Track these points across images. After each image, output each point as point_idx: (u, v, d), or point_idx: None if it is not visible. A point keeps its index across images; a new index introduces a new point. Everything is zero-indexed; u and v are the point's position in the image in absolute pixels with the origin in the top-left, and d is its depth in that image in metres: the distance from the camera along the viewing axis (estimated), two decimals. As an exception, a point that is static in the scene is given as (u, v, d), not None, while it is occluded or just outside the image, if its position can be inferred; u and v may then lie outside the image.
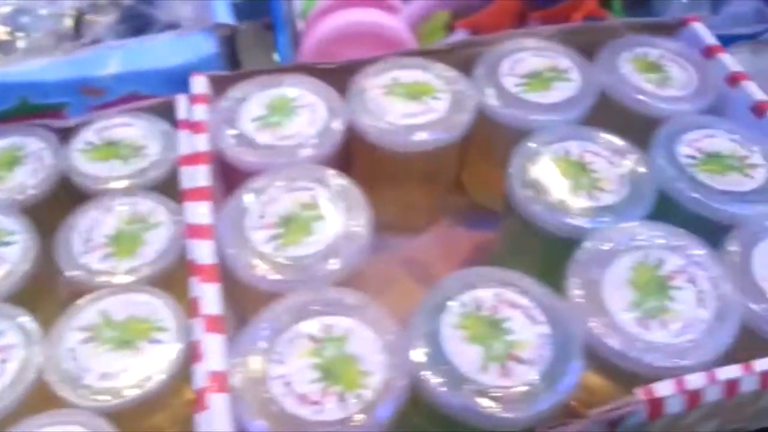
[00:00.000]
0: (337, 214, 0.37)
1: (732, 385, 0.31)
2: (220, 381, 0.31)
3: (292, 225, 0.37)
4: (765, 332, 0.33)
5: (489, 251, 0.48)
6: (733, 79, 0.44)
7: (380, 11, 0.47)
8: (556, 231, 0.37)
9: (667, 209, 0.39)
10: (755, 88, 0.43)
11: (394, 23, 0.47)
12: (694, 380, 0.30)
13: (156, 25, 0.57)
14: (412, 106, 0.43)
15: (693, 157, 0.40)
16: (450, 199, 0.51)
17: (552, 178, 0.39)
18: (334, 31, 0.47)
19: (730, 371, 0.31)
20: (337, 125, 0.42)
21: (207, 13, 0.47)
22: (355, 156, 0.46)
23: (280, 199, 0.38)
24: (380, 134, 0.42)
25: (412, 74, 0.45)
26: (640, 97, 0.43)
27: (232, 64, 0.49)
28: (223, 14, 0.46)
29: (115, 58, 0.46)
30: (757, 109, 0.43)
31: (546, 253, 0.39)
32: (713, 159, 0.40)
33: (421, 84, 0.44)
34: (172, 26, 0.55)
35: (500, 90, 0.44)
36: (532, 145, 0.40)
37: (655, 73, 0.45)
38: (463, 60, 0.46)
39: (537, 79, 0.44)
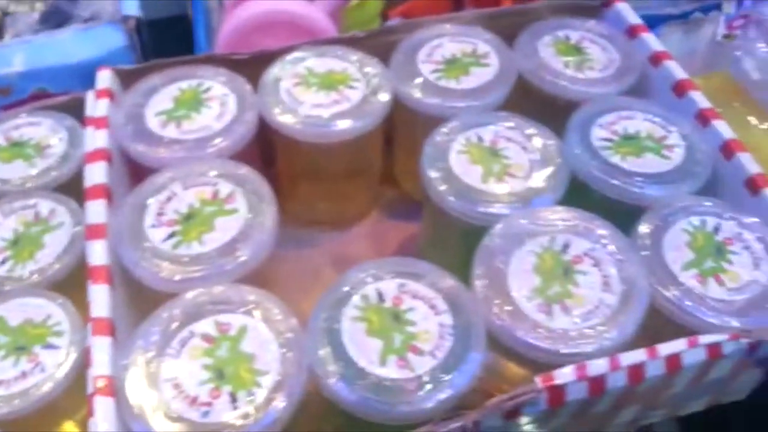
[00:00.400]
0: (241, 208, 0.36)
1: (636, 370, 0.30)
2: (107, 385, 0.30)
3: (192, 221, 0.35)
4: (675, 316, 0.32)
5: (417, 243, 0.47)
6: (656, 59, 0.44)
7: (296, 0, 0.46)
8: (469, 219, 0.36)
9: (581, 193, 0.38)
10: (677, 67, 0.43)
11: (312, 11, 0.46)
12: (596, 366, 0.29)
13: (76, 21, 0.55)
14: (326, 95, 0.42)
15: (608, 140, 0.39)
16: (381, 191, 0.50)
17: (464, 165, 0.38)
18: (250, 19, 0.45)
19: (633, 356, 0.30)
20: (249, 118, 0.41)
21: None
22: (276, 149, 0.45)
23: (180, 196, 0.37)
24: (293, 126, 0.41)
25: (327, 63, 0.44)
26: (558, 80, 0.42)
27: (148, 58, 0.48)
28: (131, 6, 0.45)
29: (20, 56, 0.44)
30: (678, 87, 0.42)
31: (463, 241, 0.38)
32: (629, 141, 0.39)
33: (336, 73, 0.43)
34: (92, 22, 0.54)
35: (417, 77, 0.43)
36: (444, 132, 0.39)
37: (575, 56, 0.44)
38: (382, 47, 0.45)
39: (454, 65, 0.43)
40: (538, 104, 0.43)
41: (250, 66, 0.43)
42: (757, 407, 0.39)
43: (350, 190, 0.48)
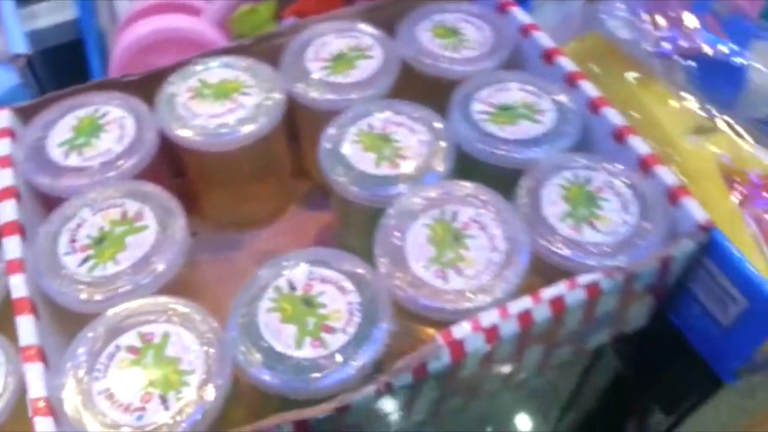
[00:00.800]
0: (150, 224, 0.38)
1: (525, 316, 0.33)
2: (45, 406, 0.31)
3: (104, 244, 0.37)
4: (558, 263, 0.36)
5: (332, 230, 0.50)
6: (525, 31, 0.47)
7: (182, 15, 0.47)
8: (370, 203, 0.39)
9: (469, 165, 0.41)
10: (544, 36, 0.46)
11: (198, 25, 0.48)
12: (488, 317, 0.33)
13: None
14: (221, 105, 0.44)
15: (486, 113, 0.42)
16: (295, 186, 0.52)
17: (358, 154, 0.41)
18: (138, 41, 0.47)
19: (520, 304, 0.33)
20: (149, 137, 0.42)
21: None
22: (185, 161, 0.47)
23: (90, 221, 0.38)
24: (193, 139, 0.42)
25: (219, 73, 0.46)
26: (438, 63, 0.45)
27: (46, 89, 0.49)
28: (18, 44, 0.45)
29: None
30: (547, 56, 0.46)
31: (368, 224, 0.40)
32: (505, 111, 0.43)
33: (229, 82, 0.45)
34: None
35: (306, 76, 0.45)
36: (337, 125, 0.42)
37: (452, 38, 0.47)
38: (271, 51, 0.47)
39: (341, 60, 0.46)
40: (425, 87, 0.46)
41: (144, 86, 0.45)
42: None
43: (264, 190, 0.50)
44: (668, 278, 0.38)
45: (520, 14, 0.48)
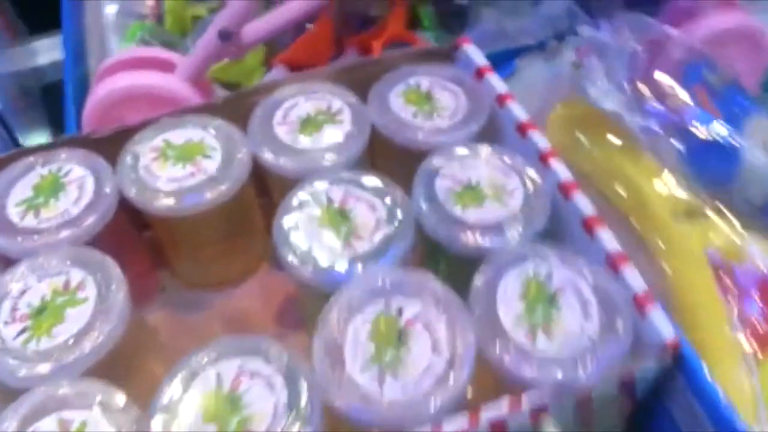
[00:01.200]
0: (90, 296, 0.37)
1: (461, 435, 0.31)
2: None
3: (44, 315, 0.36)
4: (507, 373, 0.34)
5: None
6: (501, 100, 0.45)
7: (154, 72, 0.46)
8: (321, 287, 0.38)
9: (430, 248, 0.39)
10: (518, 108, 0.44)
11: (171, 82, 0.47)
12: (421, 437, 0.31)
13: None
14: (182, 168, 0.43)
15: (451, 191, 0.40)
16: (268, 243, 0.51)
17: (313, 229, 0.39)
18: (109, 95, 0.46)
19: (455, 424, 0.31)
20: (107, 200, 0.42)
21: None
22: (150, 222, 0.46)
23: (35, 288, 0.38)
24: (151, 203, 0.41)
25: (185, 133, 0.44)
26: (407, 132, 0.44)
27: (16, 141, 0.48)
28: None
29: None
30: (521, 129, 0.43)
31: (318, 307, 0.39)
32: (471, 190, 0.40)
33: (193, 143, 0.44)
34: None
35: (272, 140, 0.44)
36: (295, 197, 0.40)
37: (425, 105, 0.45)
38: (241, 111, 0.46)
39: (309, 124, 0.45)
40: (397, 155, 0.45)
41: (111, 143, 0.44)
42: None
43: (233, 250, 0.49)
44: (634, 395, 0.35)
45: (496, 81, 0.46)
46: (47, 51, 0.68)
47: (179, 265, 0.49)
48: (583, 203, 0.39)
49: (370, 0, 0.59)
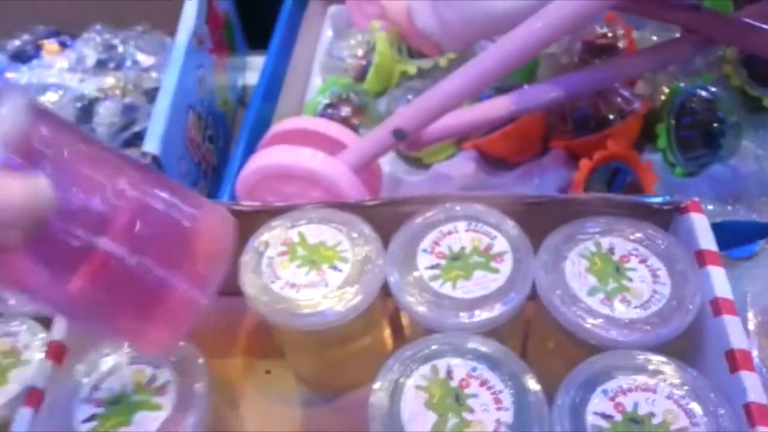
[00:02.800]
0: (166, 404, 0.34)
1: None
2: None
3: (117, 407, 0.34)
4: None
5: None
6: (716, 307, 0.33)
7: (320, 153, 0.42)
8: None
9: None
10: (739, 332, 0.32)
11: (332, 169, 0.41)
12: None
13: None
14: (305, 275, 0.38)
15: (607, 424, 0.30)
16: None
17: (419, 409, 0.32)
18: (265, 168, 0.43)
19: None
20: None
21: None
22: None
23: (122, 372, 0.36)
24: (261, 304, 0.37)
25: (322, 232, 0.39)
26: (573, 313, 0.34)
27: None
28: (152, 144, 0.44)
29: None
30: (731, 358, 0.31)
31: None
32: (634, 425, 0.30)
33: (326, 248, 0.39)
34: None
35: (408, 272, 0.37)
36: (405, 357, 0.33)
37: (610, 280, 0.35)
38: (393, 218, 0.39)
39: (458, 262, 0.37)
40: (553, 333, 0.35)
41: (251, 217, 0.41)
42: None
43: (347, 359, 0.43)
44: None
45: (719, 279, 0.33)
46: (257, 70, 0.67)
47: (295, 365, 0.45)
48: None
49: (602, 102, 0.48)
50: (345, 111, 0.53)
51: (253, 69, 0.68)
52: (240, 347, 0.47)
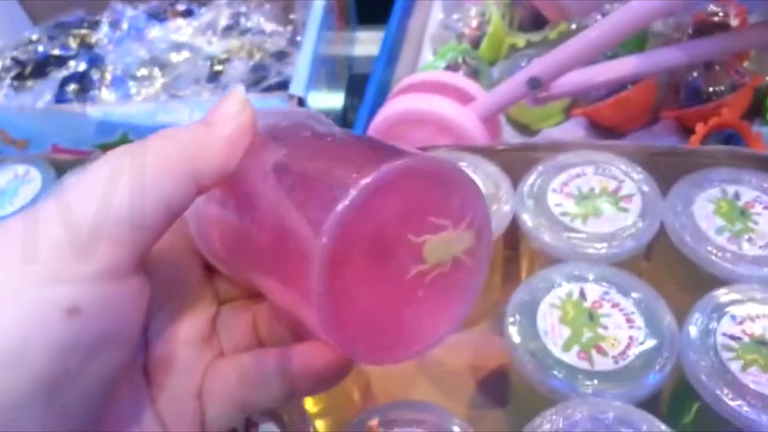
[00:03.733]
0: None
1: None
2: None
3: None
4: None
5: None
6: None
7: (449, 101, 0.45)
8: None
9: (682, 391, 0.32)
10: None
11: (463, 115, 0.45)
12: None
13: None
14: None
15: (735, 339, 0.32)
16: (498, 300, 0.48)
17: (554, 322, 0.34)
18: (396, 115, 0.46)
19: None
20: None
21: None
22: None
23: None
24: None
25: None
26: (702, 249, 0.36)
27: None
28: (298, 86, 0.48)
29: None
30: None
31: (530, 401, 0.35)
32: (761, 347, 0.32)
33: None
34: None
35: (539, 209, 0.39)
36: (540, 276, 0.36)
37: (737, 222, 0.37)
38: (521, 162, 0.42)
39: (588, 201, 0.39)
40: (679, 266, 0.37)
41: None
42: None
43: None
44: None
45: None
46: (366, 43, 0.71)
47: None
48: None
49: (713, 75, 0.50)
50: (461, 74, 0.56)
51: (361, 42, 0.72)
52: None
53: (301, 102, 0.48)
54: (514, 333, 0.34)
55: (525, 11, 0.59)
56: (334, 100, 0.65)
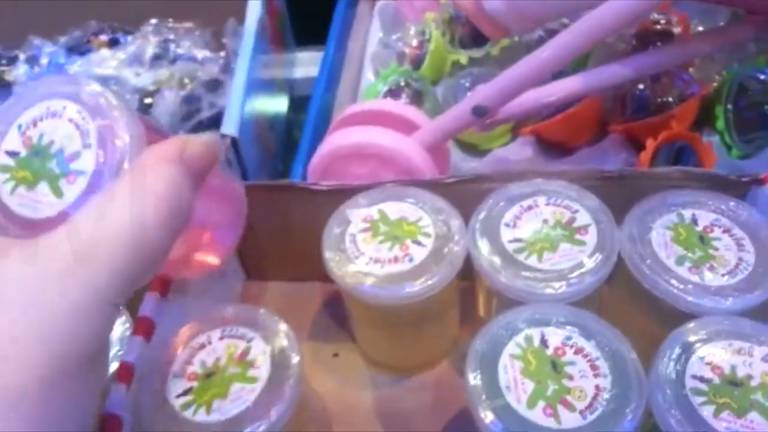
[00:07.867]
0: (261, 375, 0.34)
1: None
2: None
3: (210, 380, 0.35)
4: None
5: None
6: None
7: (392, 132, 0.42)
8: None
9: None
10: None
11: (406, 147, 0.42)
12: None
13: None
14: (388, 250, 0.38)
15: (705, 382, 0.31)
16: (459, 337, 0.45)
17: (515, 378, 0.32)
18: (338, 150, 0.43)
19: None
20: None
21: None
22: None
23: (214, 345, 0.36)
24: (344, 280, 0.38)
25: (402, 208, 0.40)
26: (662, 280, 0.34)
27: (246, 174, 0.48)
28: (230, 126, 0.45)
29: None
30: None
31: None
32: (733, 388, 0.30)
33: (408, 223, 0.39)
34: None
35: (495, 245, 0.37)
36: (502, 326, 0.34)
37: (695, 249, 0.35)
38: (470, 195, 0.40)
39: (542, 236, 0.37)
40: (641, 301, 0.36)
41: (330, 196, 0.41)
42: None
43: (421, 338, 0.44)
44: None
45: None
46: (306, 65, 0.68)
47: (358, 338, 0.45)
48: None
49: (659, 86, 0.49)
50: (404, 97, 0.54)
51: (301, 64, 0.69)
52: (305, 332, 0.48)
53: (235, 143, 0.45)
54: (475, 391, 0.32)
55: (465, 28, 0.57)
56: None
